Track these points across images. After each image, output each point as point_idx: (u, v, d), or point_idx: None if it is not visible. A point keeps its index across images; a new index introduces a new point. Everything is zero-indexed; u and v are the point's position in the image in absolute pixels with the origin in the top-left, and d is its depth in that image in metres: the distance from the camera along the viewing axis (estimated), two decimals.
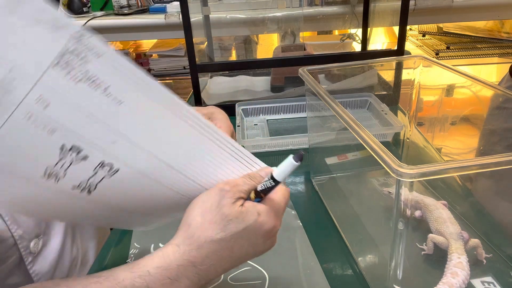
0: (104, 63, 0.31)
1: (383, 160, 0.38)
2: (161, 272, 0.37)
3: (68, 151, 0.33)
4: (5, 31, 0.29)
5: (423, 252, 0.52)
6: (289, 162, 0.38)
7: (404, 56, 0.95)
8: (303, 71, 0.63)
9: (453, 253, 0.48)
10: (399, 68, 0.91)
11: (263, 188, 0.40)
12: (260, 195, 0.40)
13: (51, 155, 0.33)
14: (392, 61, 0.87)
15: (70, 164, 0.34)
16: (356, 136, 0.44)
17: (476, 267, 0.50)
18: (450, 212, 0.54)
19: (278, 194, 0.40)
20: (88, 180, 0.35)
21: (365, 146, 0.42)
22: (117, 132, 0.34)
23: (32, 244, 0.59)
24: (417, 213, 0.56)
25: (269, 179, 0.39)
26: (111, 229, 0.68)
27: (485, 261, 0.51)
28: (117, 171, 0.35)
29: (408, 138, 0.78)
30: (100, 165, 0.35)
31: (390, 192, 0.59)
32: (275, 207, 0.40)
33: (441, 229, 0.51)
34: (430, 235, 0.52)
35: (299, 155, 0.38)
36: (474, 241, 0.51)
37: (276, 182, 0.39)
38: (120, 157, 0.35)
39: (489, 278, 0.48)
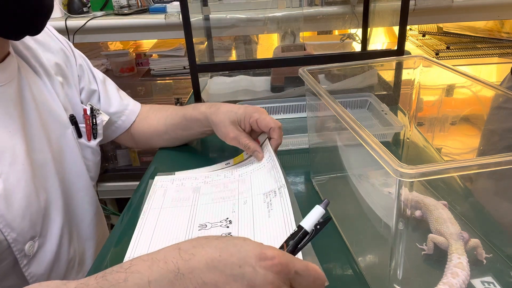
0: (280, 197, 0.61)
1: (383, 160, 0.38)
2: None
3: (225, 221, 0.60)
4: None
5: (423, 252, 0.52)
6: (315, 210, 0.41)
7: (404, 56, 0.94)
8: (303, 71, 0.63)
9: (453, 253, 0.48)
10: (399, 68, 0.91)
11: (290, 235, 0.41)
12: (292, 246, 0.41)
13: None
14: (392, 61, 0.87)
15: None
16: (356, 136, 0.44)
17: (476, 267, 0.50)
18: (450, 212, 0.54)
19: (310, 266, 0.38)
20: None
21: (365, 146, 0.42)
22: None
23: (27, 246, 0.59)
24: (417, 213, 0.56)
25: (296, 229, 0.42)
26: (110, 229, 0.68)
27: (485, 261, 0.51)
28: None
29: (408, 138, 0.78)
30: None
31: (390, 193, 0.59)
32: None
33: (441, 229, 0.51)
34: (430, 235, 0.52)
35: (325, 202, 0.42)
36: (474, 241, 0.51)
37: (300, 228, 0.41)
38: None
39: (489, 278, 0.48)
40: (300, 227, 0.41)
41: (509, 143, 0.75)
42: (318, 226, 0.41)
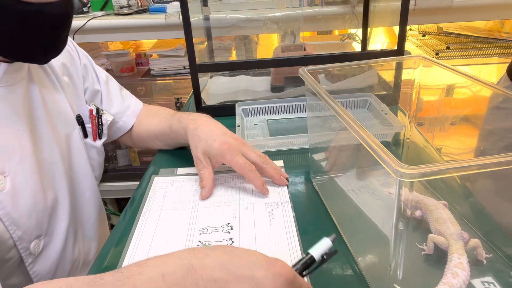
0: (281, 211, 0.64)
1: (383, 160, 0.38)
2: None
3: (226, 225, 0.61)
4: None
5: (423, 252, 0.52)
6: (323, 241, 0.44)
7: (404, 56, 0.94)
8: (303, 71, 0.63)
9: (454, 253, 0.48)
10: (399, 68, 0.91)
11: (298, 261, 0.43)
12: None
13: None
14: (392, 61, 0.87)
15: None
16: (356, 136, 0.44)
17: (476, 267, 0.50)
18: (450, 212, 0.54)
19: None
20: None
21: (365, 146, 0.42)
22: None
23: (32, 245, 0.59)
24: (417, 213, 0.56)
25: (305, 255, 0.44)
26: (111, 229, 0.68)
27: (485, 261, 0.51)
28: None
29: (408, 138, 0.78)
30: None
31: (390, 193, 0.59)
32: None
33: (442, 230, 0.51)
34: (430, 235, 0.52)
35: (333, 236, 0.45)
36: (474, 241, 0.51)
37: (308, 255, 0.43)
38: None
39: (489, 278, 0.48)
40: (308, 254, 0.43)
41: (509, 143, 0.75)
42: (324, 257, 0.43)
